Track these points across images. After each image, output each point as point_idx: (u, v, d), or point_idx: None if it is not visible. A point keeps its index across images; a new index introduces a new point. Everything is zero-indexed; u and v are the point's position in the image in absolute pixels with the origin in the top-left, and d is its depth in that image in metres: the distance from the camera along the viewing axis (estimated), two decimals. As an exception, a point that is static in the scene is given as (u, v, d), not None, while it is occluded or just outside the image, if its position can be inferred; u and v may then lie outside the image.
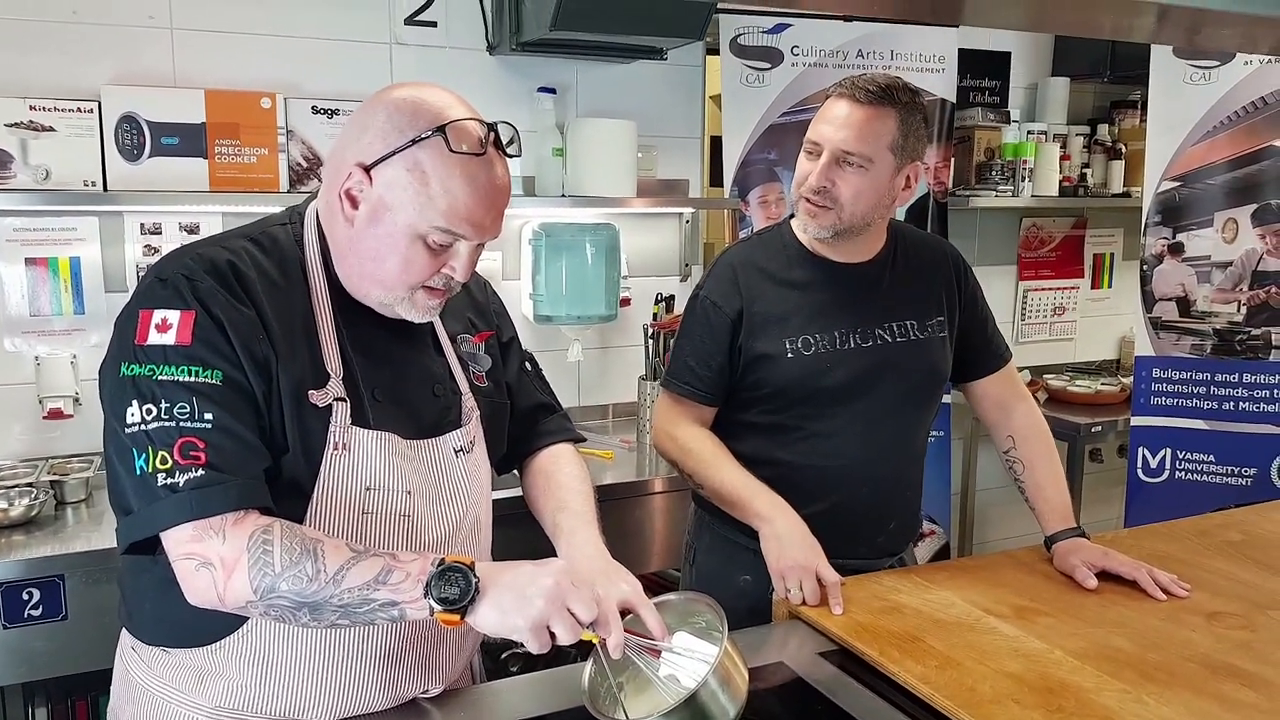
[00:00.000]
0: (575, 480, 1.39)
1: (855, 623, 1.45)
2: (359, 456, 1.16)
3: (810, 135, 1.63)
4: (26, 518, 2.09)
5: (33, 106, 2.26)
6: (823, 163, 1.60)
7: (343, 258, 1.19)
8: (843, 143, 1.58)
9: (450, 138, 1.11)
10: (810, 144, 1.63)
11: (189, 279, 1.11)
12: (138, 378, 1.07)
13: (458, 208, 1.12)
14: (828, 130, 1.60)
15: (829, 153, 1.59)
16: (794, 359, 1.66)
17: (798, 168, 1.66)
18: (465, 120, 1.13)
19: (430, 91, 1.16)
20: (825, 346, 1.67)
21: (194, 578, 1.05)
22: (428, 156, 1.11)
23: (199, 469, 1.05)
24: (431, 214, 1.12)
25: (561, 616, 1.06)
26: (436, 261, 1.16)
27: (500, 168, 1.16)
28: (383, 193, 1.13)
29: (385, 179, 1.12)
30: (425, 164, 1.11)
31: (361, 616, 1.06)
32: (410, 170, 1.11)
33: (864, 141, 1.58)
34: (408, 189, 1.11)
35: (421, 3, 2.66)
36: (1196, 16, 1.09)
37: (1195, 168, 3.02)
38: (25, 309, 2.37)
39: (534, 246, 2.80)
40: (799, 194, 1.65)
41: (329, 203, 1.18)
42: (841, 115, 1.60)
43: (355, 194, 1.14)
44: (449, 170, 1.11)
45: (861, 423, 1.69)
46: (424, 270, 1.16)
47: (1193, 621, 1.47)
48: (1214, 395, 3.10)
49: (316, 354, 1.17)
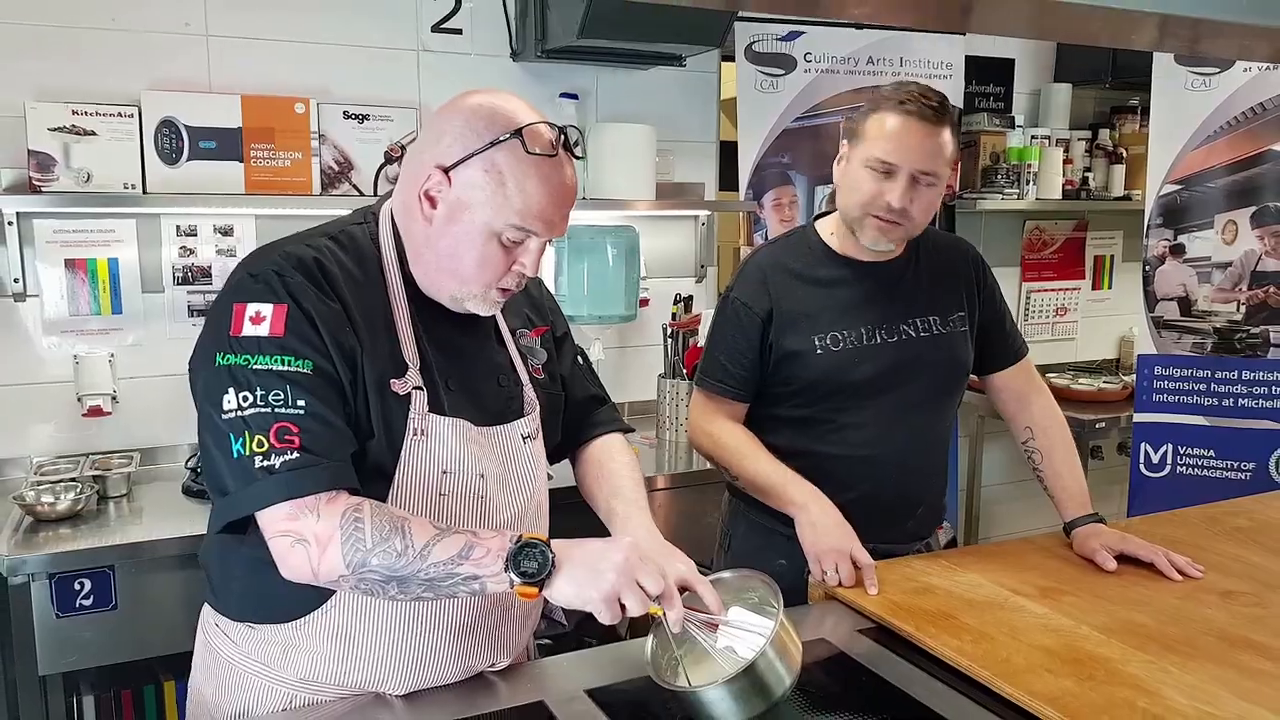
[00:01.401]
0: (627, 469, 1.47)
1: (890, 602, 1.52)
2: (436, 441, 1.23)
3: (878, 154, 1.63)
4: (72, 511, 2.15)
5: (75, 111, 2.32)
6: (903, 185, 1.63)
7: (419, 255, 1.26)
8: (920, 164, 1.62)
9: (526, 140, 1.18)
10: (881, 163, 1.63)
11: (279, 274, 1.18)
12: (233, 367, 1.14)
13: (531, 206, 1.20)
14: (904, 153, 1.62)
15: (908, 174, 1.63)
16: (823, 354, 1.73)
17: (861, 184, 1.66)
18: (539, 124, 1.20)
19: (503, 98, 1.24)
20: (852, 342, 1.74)
21: (290, 554, 1.12)
22: (504, 158, 1.18)
23: (294, 452, 1.11)
24: (508, 212, 1.19)
25: (632, 589, 1.13)
26: (509, 258, 1.24)
27: (570, 169, 1.24)
28: (461, 193, 1.20)
29: (463, 180, 1.19)
30: (502, 165, 1.18)
31: (445, 589, 1.13)
32: (488, 171, 1.18)
33: (937, 160, 1.64)
34: (485, 189, 1.19)
35: (447, 11, 2.73)
36: (1195, 26, 1.13)
37: (1196, 171, 3.12)
38: (64, 309, 2.44)
39: (556, 248, 2.87)
40: (866, 211, 1.67)
41: (406, 203, 1.25)
42: (915, 136, 1.62)
43: (434, 194, 1.22)
44: (524, 171, 1.19)
45: (888, 414, 1.76)
46: (498, 266, 1.23)
47: (1208, 600, 1.55)
48: (1214, 392, 3.19)
49: (395, 346, 1.24)
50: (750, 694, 1.15)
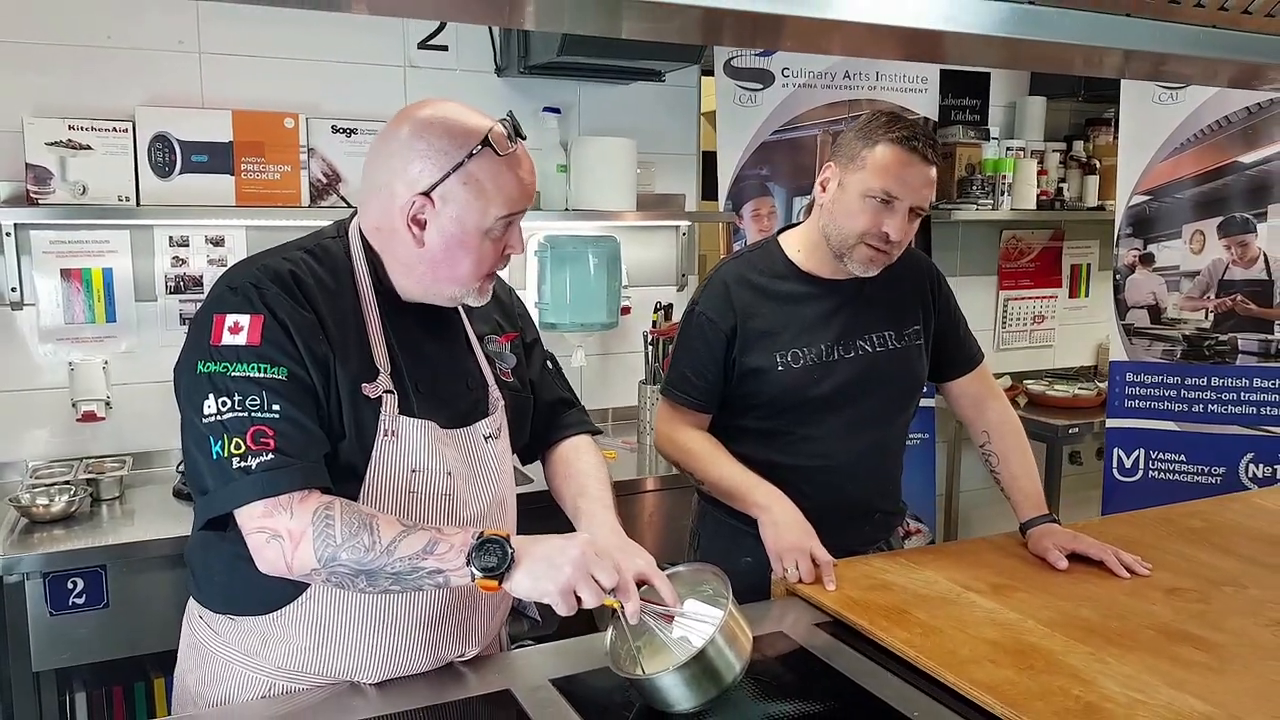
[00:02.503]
0: (594, 468, 1.54)
1: (847, 598, 1.59)
2: (405, 442, 1.31)
3: (882, 186, 1.68)
4: (66, 513, 2.22)
5: (71, 126, 2.40)
6: (902, 217, 1.70)
7: (410, 269, 1.33)
8: (919, 198, 1.71)
9: (495, 145, 1.26)
10: (884, 194, 1.68)
11: (256, 287, 1.25)
12: (213, 374, 1.21)
13: (511, 196, 1.29)
14: (906, 188, 1.68)
15: (907, 207, 1.70)
16: (784, 371, 1.80)
17: (859, 214, 1.71)
18: (494, 127, 1.28)
19: (445, 109, 1.30)
20: (813, 359, 1.81)
21: (265, 549, 1.19)
22: (478, 167, 1.27)
23: (269, 453, 1.19)
24: (494, 209, 1.28)
25: (587, 583, 1.20)
26: (499, 246, 1.33)
27: (522, 150, 1.32)
28: (446, 209, 1.28)
29: (445, 196, 1.27)
30: (478, 174, 1.27)
31: (411, 583, 1.20)
32: (466, 184, 1.27)
33: (930, 194, 1.73)
34: (467, 198, 1.27)
35: (433, 28, 2.81)
36: (1159, 58, 1.20)
37: (1164, 182, 3.20)
38: (60, 317, 2.51)
39: (539, 258, 2.94)
40: (861, 240, 1.73)
41: (382, 229, 1.32)
42: (918, 175, 1.69)
43: (421, 218, 1.29)
44: (497, 171, 1.27)
45: (846, 427, 1.84)
46: (492, 258, 1.33)
47: (1153, 596, 1.62)
48: (1184, 398, 3.26)
49: (367, 352, 1.31)
50: (702, 679, 1.22)
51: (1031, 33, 1.05)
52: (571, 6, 0.96)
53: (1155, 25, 1.11)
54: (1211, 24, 1.07)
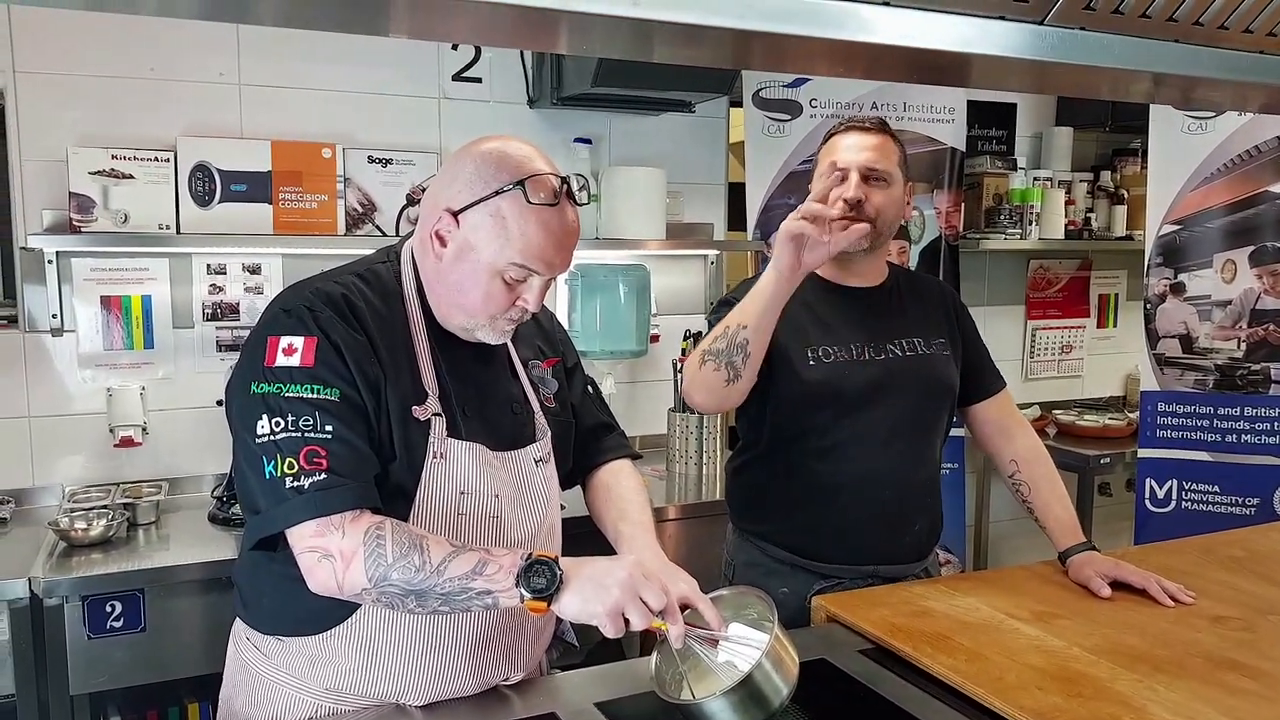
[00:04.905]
0: (634, 492, 1.54)
1: (890, 624, 1.58)
2: (454, 464, 1.32)
3: (830, 161, 1.78)
4: (104, 537, 2.23)
5: (114, 156, 2.45)
6: (855, 178, 1.75)
7: (431, 288, 1.36)
8: (867, 161, 1.76)
9: (528, 190, 1.28)
10: (832, 167, 1.77)
11: (310, 310, 1.27)
12: (267, 395, 1.23)
13: (532, 248, 1.29)
14: (849, 154, 1.77)
15: (856, 172, 1.75)
16: (815, 366, 1.80)
17: (821, 190, 1.72)
18: (543, 174, 1.30)
19: (514, 145, 1.33)
20: (843, 356, 1.82)
21: (317, 568, 1.20)
22: (508, 205, 1.28)
23: (322, 473, 1.20)
24: (510, 253, 1.29)
25: (635, 604, 1.20)
26: (512, 294, 1.33)
27: (571, 214, 1.33)
28: (467, 234, 1.29)
29: (470, 222, 1.29)
30: (505, 211, 1.28)
31: (460, 603, 1.20)
32: (492, 216, 1.28)
33: (882, 160, 1.77)
34: (489, 231, 1.28)
35: (467, 61, 2.86)
36: (1189, 82, 1.20)
37: (1194, 212, 3.19)
38: (99, 344, 2.54)
39: (570, 286, 2.97)
40: (828, 217, 1.71)
41: (422, 240, 1.35)
42: (856, 142, 1.78)
43: (444, 234, 1.31)
44: (526, 217, 1.28)
45: (880, 430, 1.82)
46: (502, 301, 1.33)
47: (1198, 624, 1.60)
48: (1217, 428, 3.23)
49: (416, 375, 1.33)
50: (749, 704, 1.21)
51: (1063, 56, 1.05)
52: (602, 32, 0.95)
53: (1188, 49, 1.10)
54: (1259, 49, 1.07)
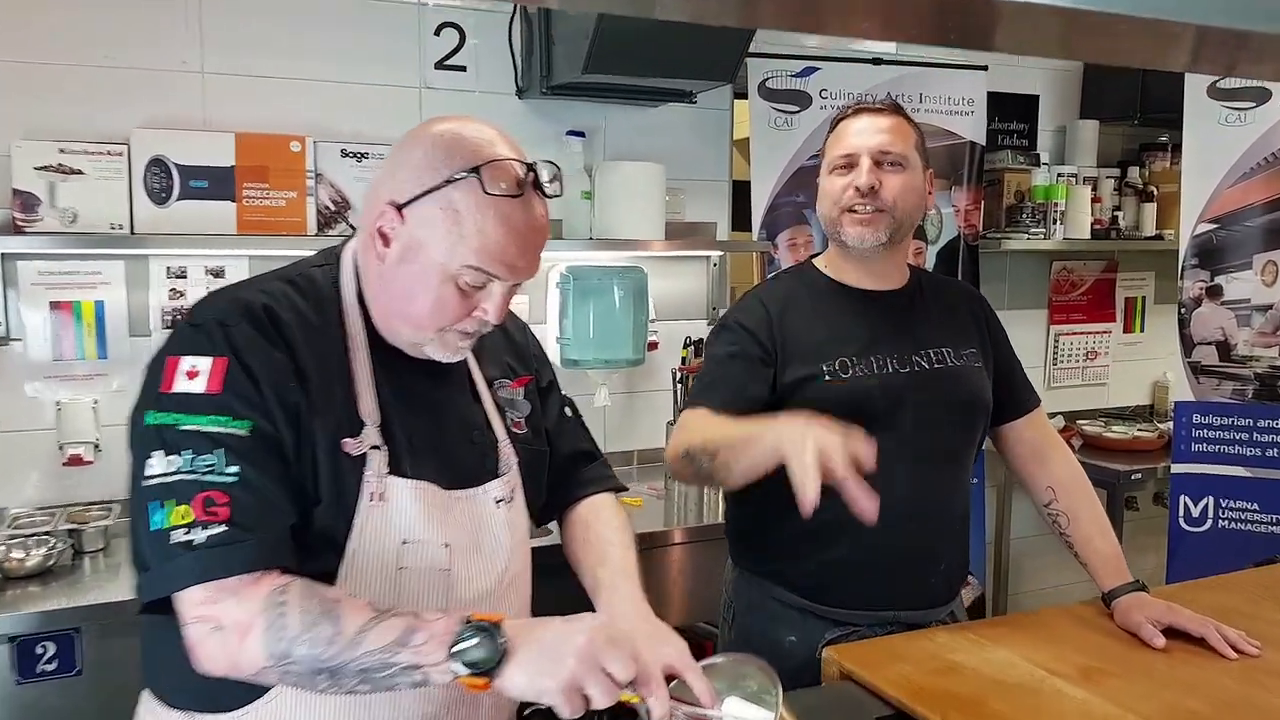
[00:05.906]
0: (616, 533, 1.33)
1: (913, 684, 1.37)
2: (396, 507, 1.11)
3: (840, 150, 1.63)
4: (43, 567, 2.04)
5: (62, 150, 2.25)
6: (867, 164, 1.60)
7: (375, 296, 1.16)
8: (879, 145, 1.60)
9: (485, 178, 1.07)
10: (843, 158, 1.62)
11: (222, 324, 1.07)
12: (162, 427, 1.03)
13: (490, 248, 1.09)
14: (860, 139, 1.61)
15: (868, 157, 1.60)
16: (831, 382, 1.59)
17: (830, 188, 1.64)
18: (504, 160, 1.09)
19: (471, 127, 1.13)
20: (862, 370, 1.60)
21: (206, 642, 1.00)
22: (461, 196, 1.08)
23: (219, 525, 1.00)
24: (464, 253, 1.08)
25: (596, 677, 0.98)
26: (468, 303, 1.13)
27: (539, 208, 1.13)
28: (414, 231, 1.10)
29: (418, 217, 1.09)
30: (459, 203, 1.08)
31: (382, 681, 0.99)
32: (443, 209, 1.08)
33: (898, 142, 1.61)
34: (439, 228, 1.08)
35: (451, 47, 2.66)
36: (1236, 41, 1.03)
37: (1232, 210, 2.97)
38: (48, 353, 2.34)
39: (561, 289, 2.77)
40: (839, 209, 1.62)
41: (363, 240, 1.16)
42: (866, 125, 1.62)
43: (387, 232, 1.12)
44: (482, 211, 1.08)
45: (905, 453, 1.58)
46: (456, 311, 1.13)
47: (1269, 683, 1.39)
48: (1256, 441, 3.01)
49: (351, 400, 1.12)
50: (749, 800, 1.01)
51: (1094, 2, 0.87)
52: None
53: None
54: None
